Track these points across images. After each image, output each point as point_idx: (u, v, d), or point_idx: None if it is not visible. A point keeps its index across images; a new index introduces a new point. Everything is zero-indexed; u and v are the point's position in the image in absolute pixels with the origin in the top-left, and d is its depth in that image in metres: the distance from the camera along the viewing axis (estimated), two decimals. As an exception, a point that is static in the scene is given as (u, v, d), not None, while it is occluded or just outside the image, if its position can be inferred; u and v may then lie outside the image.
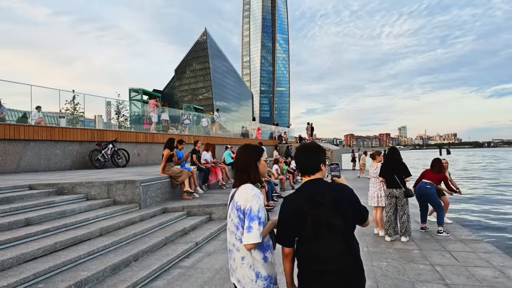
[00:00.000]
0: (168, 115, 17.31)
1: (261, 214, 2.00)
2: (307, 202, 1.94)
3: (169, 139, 8.23)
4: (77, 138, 11.72)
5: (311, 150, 2.13)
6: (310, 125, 27.54)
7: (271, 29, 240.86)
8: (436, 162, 6.89)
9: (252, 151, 2.25)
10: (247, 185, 2.15)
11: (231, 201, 2.20)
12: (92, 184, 6.68)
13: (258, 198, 2.04)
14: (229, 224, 2.17)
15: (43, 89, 12.40)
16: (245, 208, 2.04)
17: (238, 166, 2.23)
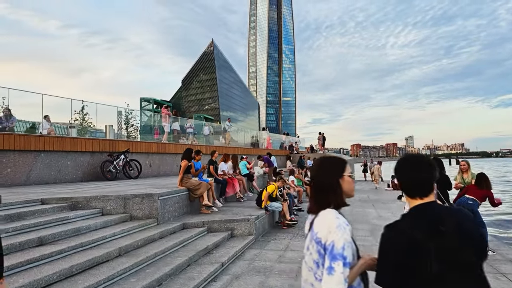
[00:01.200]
0: (179, 125, 16.95)
1: (347, 252, 1.54)
2: (425, 233, 1.46)
3: (187, 150, 7.81)
4: (89, 149, 11.36)
5: (425, 163, 1.63)
6: (322, 135, 27.01)
7: (277, 40, 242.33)
8: (483, 178, 6.30)
9: (333, 165, 1.79)
10: (330, 211, 1.70)
11: (309, 230, 1.74)
12: (107, 198, 6.25)
13: (344, 231, 1.58)
14: (307, 258, 1.71)
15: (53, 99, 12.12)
16: (326, 242, 1.58)
17: (316, 186, 1.77)
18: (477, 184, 6.26)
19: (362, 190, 18.59)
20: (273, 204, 8.13)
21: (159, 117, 16.76)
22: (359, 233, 7.77)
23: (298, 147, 29.17)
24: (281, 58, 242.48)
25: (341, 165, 1.78)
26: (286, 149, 27.55)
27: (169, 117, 15.45)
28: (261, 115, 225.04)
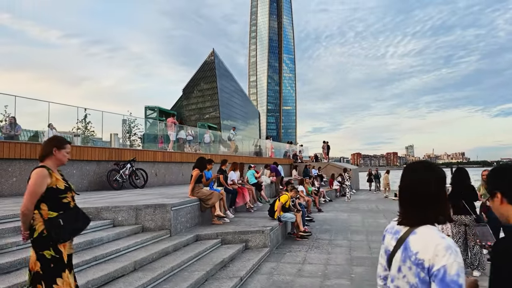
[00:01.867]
0: (185, 133, 16.76)
1: (462, 279, 1.29)
2: None
3: (200, 159, 7.61)
4: (95, 158, 11.16)
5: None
6: (326, 144, 26.83)
7: (278, 50, 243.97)
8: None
9: (435, 173, 1.49)
10: (432, 229, 1.43)
11: (400, 246, 1.47)
12: (119, 208, 6.03)
13: (456, 254, 1.32)
14: (400, 282, 1.45)
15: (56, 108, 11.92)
16: (431, 266, 1.33)
17: (417, 195, 1.48)
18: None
19: (369, 200, 18.33)
20: (286, 215, 7.90)
21: (164, 125, 16.60)
22: (375, 245, 7.52)
23: (302, 156, 28.94)
24: (281, 67, 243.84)
25: (442, 173, 1.51)
26: (290, 158, 27.31)
27: (175, 125, 15.27)
28: (262, 124, 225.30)
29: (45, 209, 2.73)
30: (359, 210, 13.83)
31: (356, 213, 12.86)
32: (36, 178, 2.73)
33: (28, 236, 2.74)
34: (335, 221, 10.85)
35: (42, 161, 2.91)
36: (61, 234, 2.73)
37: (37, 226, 2.70)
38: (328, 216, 12.04)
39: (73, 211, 2.89)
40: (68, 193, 2.92)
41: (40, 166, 2.83)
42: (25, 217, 2.70)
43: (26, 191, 2.66)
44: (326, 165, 25.27)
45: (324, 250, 7.09)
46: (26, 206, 2.68)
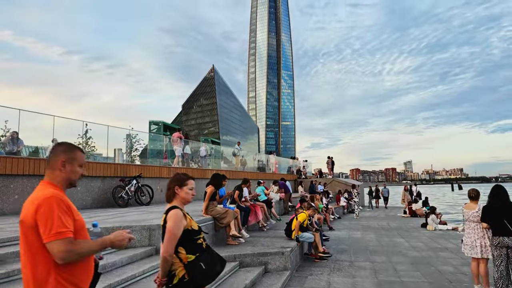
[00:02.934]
0: (190, 149, 16.40)
1: None
2: None
3: (216, 175, 7.23)
4: (100, 173, 10.76)
5: None
6: (330, 159, 26.43)
7: (276, 66, 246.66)
8: None
9: None
10: None
11: None
12: (131, 228, 5.61)
13: None
14: None
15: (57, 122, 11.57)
16: None
17: None
18: None
19: (379, 217, 17.86)
20: (304, 235, 7.47)
21: (168, 140, 16.25)
22: (400, 267, 7.09)
23: (306, 171, 28.52)
24: (280, 84, 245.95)
25: None
26: (294, 173, 26.89)
27: (180, 140, 14.92)
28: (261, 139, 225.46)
29: (183, 253, 2.58)
30: (371, 228, 13.37)
31: (369, 231, 12.40)
32: (175, 220, 2.56)
33: (166, 283, 2.55)
34: (350, 240, 10.39)
35: (170, 201, 2.74)
36: (205, 279, 2.61)
37: (178, 271, 2.55)
38: (341, 234, 11.58)
39: (208, 253, 2.72)
40: (201, 233, 2.80)
41: (173, 207, 2.65)
42: (166, 263, 2.51)
43: (165, 235, 2.45)
44: (331, 181, 24.84)
45: (348, 273, 6.64)
46: (168, 251, 2.49)
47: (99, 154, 14.74)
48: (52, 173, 1.88)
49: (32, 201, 1.75)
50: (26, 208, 1.76)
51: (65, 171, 1.88)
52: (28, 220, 1.71)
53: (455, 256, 8.16)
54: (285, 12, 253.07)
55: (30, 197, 1.80)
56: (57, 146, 1.95)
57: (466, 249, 5.59)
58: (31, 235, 1.70)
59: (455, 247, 9.28)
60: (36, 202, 1.72)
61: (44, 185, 1.84)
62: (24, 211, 1.76)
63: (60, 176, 1.88)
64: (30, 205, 1.74)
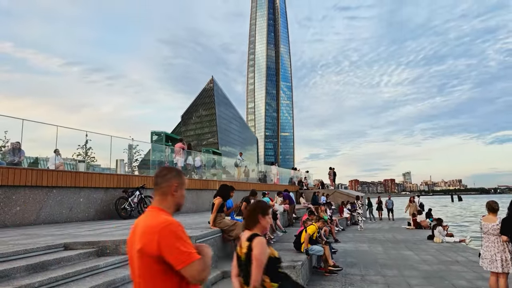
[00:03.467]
0: (193, 159, 16.24)
1: None
2: None
3: (224, 186, 7.10)
4: (103, 185, 10.58)
5: None
6: (332, 170, 26.28)
7: (275, 77, 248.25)
8: None
9: None
10: None
11: None
12: (139, 242, 5.43)
13: None
14: None
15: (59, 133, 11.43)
16: None
17: None
18: None
19: (382, 229, 17.64)
20: (314, 248, 7.29)
21: (170, 151, 16.10)
22: (413, 281, 6.90)
23: (308, 182, 28.31)
24: (279, 95, 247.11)
25: None
26: (295, 184, 26.69)
27: (183, 151, 14.78)
28: (260, 150, 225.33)
29: (267, 281, 2.55)
30: (377, 240, 13.15)
31: (375, 243, 12.19)
32: (262, 248, 2.51)
33: None
34: (358, 253, 10.19)
35: (250, 229, 2.67)
36: None
37: None
38: (347, 247, 11.38)
39: (289, 281, 2.74)
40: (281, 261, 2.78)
41: (256, 234, 2.59)
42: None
43: (254, 263, 2.41)
44: (333, 192, 24.65)
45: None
46: (258, 280, 2.46)
47: (97, 165, 14.57)
48: (164, 198, 1.87)
49: (150, 230, 1.71)
50: (145, 237, 1.71)
51: (177, 196, 1.89)
52: (151, 249, 1.67)
53: (467, 269, 7.98)
54: (284, 24, 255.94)
55: (143, 225, 1.76)
56: (167, 172, 1.92)
57: (485, 263, 5.42)
58: (154, 263, 1.69)
59: (466, 260, 9.10)
60: (156, 231, 1.68)
61: (156, 211, 1.82)
62: (143, 240, 1.70)
63: (172, 201, 1.88)
64: (150, 235, 1.69)
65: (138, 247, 1.71)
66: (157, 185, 1.88)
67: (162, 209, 1.84)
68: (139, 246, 1.71)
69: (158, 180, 1.89)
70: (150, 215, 1.80)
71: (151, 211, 1.83)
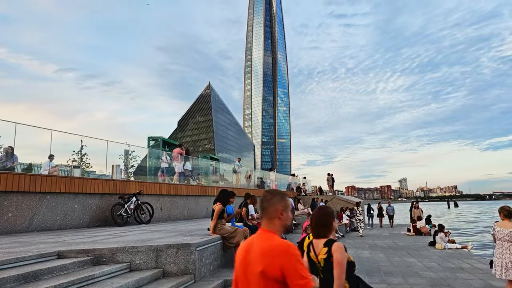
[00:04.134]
0: (191, 165, 15.99)
1: None
2: None
3: (224, 191, 6.87)
4: (98, 190, 10.31)
5: None
6: (330, 176, 26.07)
7: (272, 84, 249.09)
8: None
9: None
10: None
11: None
12: (137, 249, 5.19)
13: None
14: None
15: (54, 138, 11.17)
16: None
17: None
18: None
19: (383, 236, 17.42)
20: (317, 255, 7.05)
21: (167, 156, 15.84)
22: (419, 290, 6.68)
23: (306, 188, 28.09)
24: (276, 101, 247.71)
25: None
26: (294, 190, 26.47)
27: (181, 156, 14.53)
28: (257, 156, 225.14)
29: (347, 286, 2.63)
30: (378, 247, 12.93)
31: (377, 250, 11.97)
32: (343, 252, 2.61)
33: None
34: (359, 260, 9.95)
35: (325, 236, 2.73)
36: None
37: None
38: (349, 254, 11.14)
39: (365, 285, 2.82)
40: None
41: (334, 240, 2.69)
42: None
43: (337, 268, 2.44)
44: (332, 198, 24.43)
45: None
46: (342, 285, 2.51)
47: (93, 171, 14.29)
48: (272, 222, 1.93)
49: (271, 252, 1.76)
50: (266, 260, 1.75)
51: (283, 218, 1.94)
52: (274, 272, 1.72)
53: (474, 277, 7.78)
54: (280, 31, 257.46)
55: (260, 247, 1.80)
56: (271, 197, 1.97)
57: (498, 271, 5.22)
58: (275, 285, 1.74)
59: (471, 267, 8.90)
60: (277, 254, 1.74)
61: (270, 234, 1.88)
62: (264, 262, 1.74)
63: (279, 224, 1.93)
64: (271, 257, 1.74)
65: (260, 269, 1.74)
66: (263, 210, 1.95)
67: (272, 231, 1.90)
68: (260, 268, 1.74)
69: (264, 204, 1.96)
70: (264, 237, 1.86)
71: (263, 233, 1.89)
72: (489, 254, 14.08)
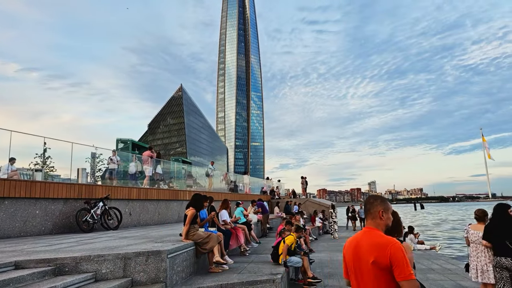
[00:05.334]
0: (161, 169, 15.51)
1: None
2: None
3: (197, 195, 6.61)
4: (62, 195, 9.73)
5: None
6: (304, 179, 26.23)
7: (246, 87, 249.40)
8: None
9: None
10: None
11: None
12: (103, 258, 4.86)
13: None
14: None
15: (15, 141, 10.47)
16: None
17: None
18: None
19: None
20: (292, 259, 6.96)
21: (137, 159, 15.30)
22: (393, 292, 6.70)
23: (280, 192, 28.10)
24: (249, 104, 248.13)
25: None
26: (267, 194, 26.40)
27: (151, 159, 14.07)
28: (230, 160, 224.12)
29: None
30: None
31: (350, 253, 12.06)
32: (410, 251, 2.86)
33: None
34: (334, 263, 9.97)
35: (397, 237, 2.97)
36: None
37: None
38: (322, 256, 11.15)
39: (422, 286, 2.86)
40: None
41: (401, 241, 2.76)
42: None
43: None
44: (305, 201, 24.55)
45: (342, 301, 6.16)
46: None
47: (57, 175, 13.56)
48: (374, 221, 2.31)
49: (381, 245, 2.13)
50: (377, 252, 2.13)
51: (384, 219, 2.30)
52: (383, 262, 2.10)
53: (444, 277, 7.95)
54: (254, 35, 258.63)
55: (370, 242, 2.20)
56: (373, 200, 2.38)
57: (474, 274, 5.25)
58: (385, 274, 2.11)
59: (440, 268, 9.12)
60: (388, 247, 2.10)
61: (375, 231, 2.26)
62: (375, 254, 2.13)
63: (382, 223, 2.30)
64: (382, 250, 2.12)
65: (372, 259, 2.14)
66: (367, 211, 2.36)
67: (376, 229, 2.28)
68: (372, 259, 2.14)
69: (368, 207, 2.37)
70: (371, 234, 2.25)
71: (369, 230, 2.28)
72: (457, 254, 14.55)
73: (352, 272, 2.29)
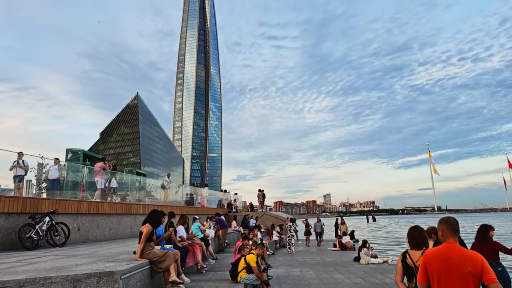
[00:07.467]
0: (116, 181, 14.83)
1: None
2: None
3: (154, 212, 6.37)
4: (3, 210, 8.95)
5: None
6: (261, 192, 26.30)
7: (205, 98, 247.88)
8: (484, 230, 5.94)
9: None
10: None
11: None
12: (50, 280, 4.51)
13: None
14: None
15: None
16: None
17: None
18: (479, 239, 5.87)
19: (310, 251, 17.93)
20: (250, 277, 6.90)
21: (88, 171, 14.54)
22: (348, 307, 6.86)
23: (237, 205, 27.93)
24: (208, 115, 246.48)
25: None
26: (225, 207, 26.14)
27: (104, 171, 13.42)
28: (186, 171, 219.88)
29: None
30: (307, 263, 13.21)
31: (306, 267, 12.20)
32: None
33: None
34: (291, 279, 10.02)
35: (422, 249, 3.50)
36: None
37: None
38: (280, 272, 11.18)
39: None
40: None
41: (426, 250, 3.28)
42: None
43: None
44: (263, 214, 24.62)
45: (299, 318, 6.19)
46: None
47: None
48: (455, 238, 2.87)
49: (474, 257, 2.71)
50: (471, 262, 2.68)
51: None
52: (477, 270, 2.65)
53: (394, 291, 8.26)
54: (214, 46, 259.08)
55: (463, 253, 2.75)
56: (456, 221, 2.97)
57: None
58: (477, 280, 2.66)
59: (392, 281, 9.48)
60: (476, 258, 2.69)
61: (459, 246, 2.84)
62: (470, 264, 2.68)
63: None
64: (475, 261, 2.69)
65: (468, 269, 2.66)
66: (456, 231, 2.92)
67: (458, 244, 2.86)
68: (469, 269, 2.66)
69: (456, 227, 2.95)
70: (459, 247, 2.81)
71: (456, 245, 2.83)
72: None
73: (444, 280, 2.73)
